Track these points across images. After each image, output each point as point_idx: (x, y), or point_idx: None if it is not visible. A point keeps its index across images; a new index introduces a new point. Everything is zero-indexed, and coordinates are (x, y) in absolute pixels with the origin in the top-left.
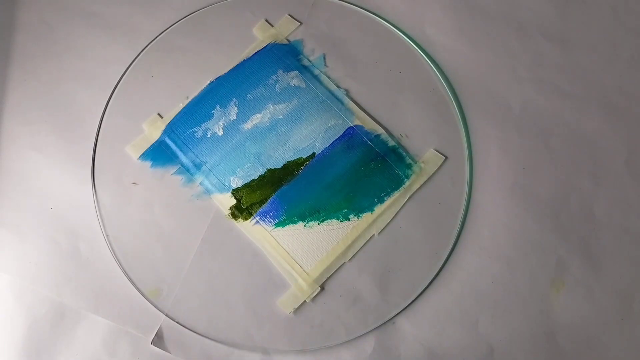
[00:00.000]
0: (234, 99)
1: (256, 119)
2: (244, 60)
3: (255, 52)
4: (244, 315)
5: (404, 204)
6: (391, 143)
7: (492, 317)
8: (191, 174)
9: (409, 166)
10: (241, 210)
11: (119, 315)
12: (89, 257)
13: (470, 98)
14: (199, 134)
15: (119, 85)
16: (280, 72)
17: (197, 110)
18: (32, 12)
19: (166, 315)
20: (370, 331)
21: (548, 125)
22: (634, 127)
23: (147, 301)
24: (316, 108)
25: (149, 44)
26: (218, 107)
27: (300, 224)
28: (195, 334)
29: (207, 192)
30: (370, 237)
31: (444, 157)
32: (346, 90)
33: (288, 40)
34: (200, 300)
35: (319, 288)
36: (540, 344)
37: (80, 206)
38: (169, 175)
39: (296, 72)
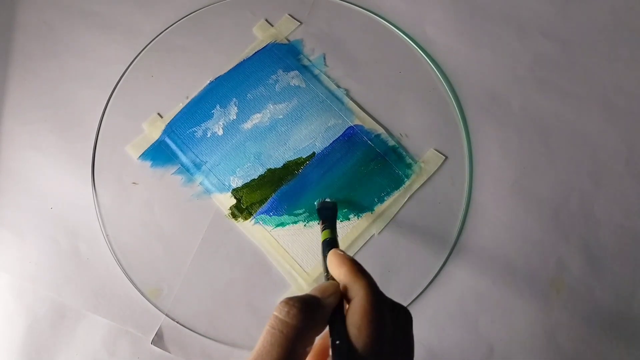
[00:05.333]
0: (234, 99)
1: (256, 118)
2: (243, 60)
3: (255, 52)
4: (244, 315)
5: (404, 203)
6: (391, 143)
7: (492, 317)
8: (191, 174)
9: (409, 166)
10: (241, 210)
11: (119, 314)
12: (89, 257)
13: (470, 98)
14: (199, 133)
15: (118, 85)
16: (280, 71)
17: (197, 110)
18: (32, 12)
19: (166, 315)
20: None
21: (548, 125)
22: (634, 127)
23: (147, 301)
24: (316, 108)
25: (149, 44)
26: (218, 106)
27: (300, 223)
28: (195, 333)
29: (207, 191)
30: (370, 237)
31: (444, 157)
32: (346, 90)
33: (288, 40)
34: (200, 300)
35: None
36: (540, 344)
37: (80, 206)
38: (169, 175)
39: (296, 71)
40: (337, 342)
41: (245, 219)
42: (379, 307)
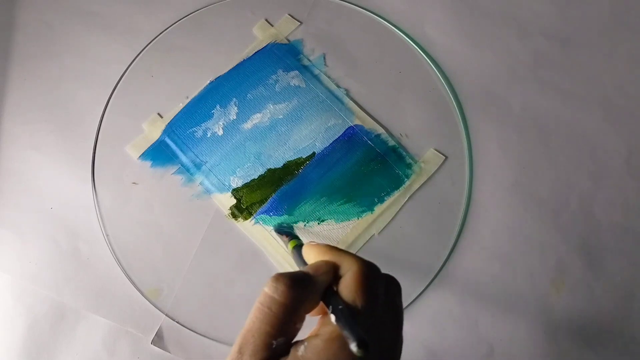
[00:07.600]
0: (234, 99)
1: (256, 118)
2: (243, 60)
3: (255, 52)
4: (244, 315)
5: (404, 203)
6: (391, 143)
7: (492, 317)
8: (191, 174)
9: (409, 166)
10: (241, 210)
11: (119, 315)
12: (89, 257)
13: (470, 98)
14: (199, 133)
15: (119, 85)
16: (280, 71)
17: (197, 110)
18: (31, 12)
19: (166, 315)
20: None
21: (548, 125)
22: (634, 127)
23: (147, 301)
24: (316, 108)
25: (148, 44)
26: (218, 106)
27: (300, 224)
28: (195, 333)
29: (207, 192)
30: (370, 237)
31: (444, 157)
32: (346, 89)
33: (288, 40)
34: (200, 300)
35: None
36: (540, 344)
37: (80, 206)
38: (169, 175)
39: (296, 71)
40: (340, 307)
41: (245, 219)
42: (372, 276)
